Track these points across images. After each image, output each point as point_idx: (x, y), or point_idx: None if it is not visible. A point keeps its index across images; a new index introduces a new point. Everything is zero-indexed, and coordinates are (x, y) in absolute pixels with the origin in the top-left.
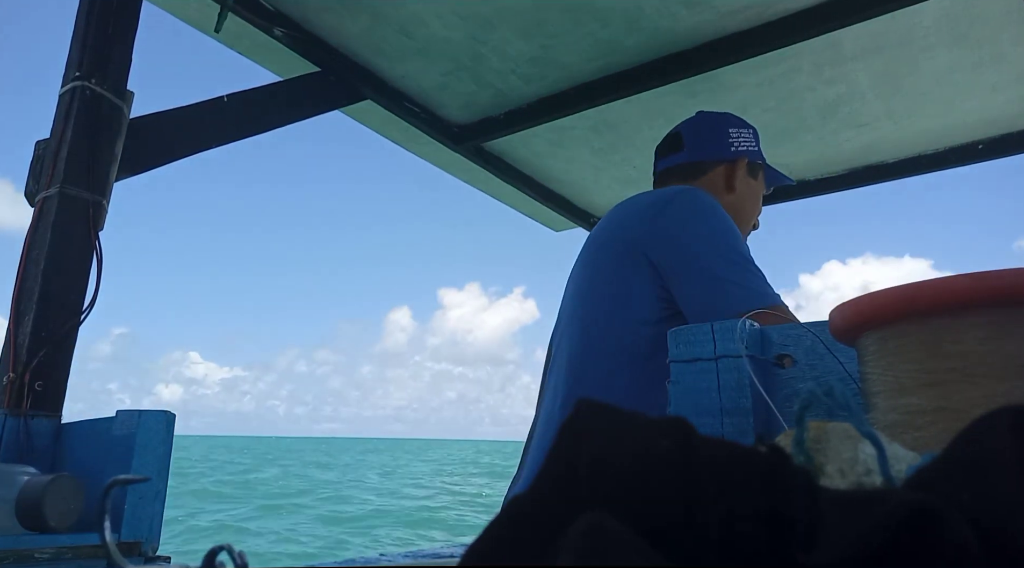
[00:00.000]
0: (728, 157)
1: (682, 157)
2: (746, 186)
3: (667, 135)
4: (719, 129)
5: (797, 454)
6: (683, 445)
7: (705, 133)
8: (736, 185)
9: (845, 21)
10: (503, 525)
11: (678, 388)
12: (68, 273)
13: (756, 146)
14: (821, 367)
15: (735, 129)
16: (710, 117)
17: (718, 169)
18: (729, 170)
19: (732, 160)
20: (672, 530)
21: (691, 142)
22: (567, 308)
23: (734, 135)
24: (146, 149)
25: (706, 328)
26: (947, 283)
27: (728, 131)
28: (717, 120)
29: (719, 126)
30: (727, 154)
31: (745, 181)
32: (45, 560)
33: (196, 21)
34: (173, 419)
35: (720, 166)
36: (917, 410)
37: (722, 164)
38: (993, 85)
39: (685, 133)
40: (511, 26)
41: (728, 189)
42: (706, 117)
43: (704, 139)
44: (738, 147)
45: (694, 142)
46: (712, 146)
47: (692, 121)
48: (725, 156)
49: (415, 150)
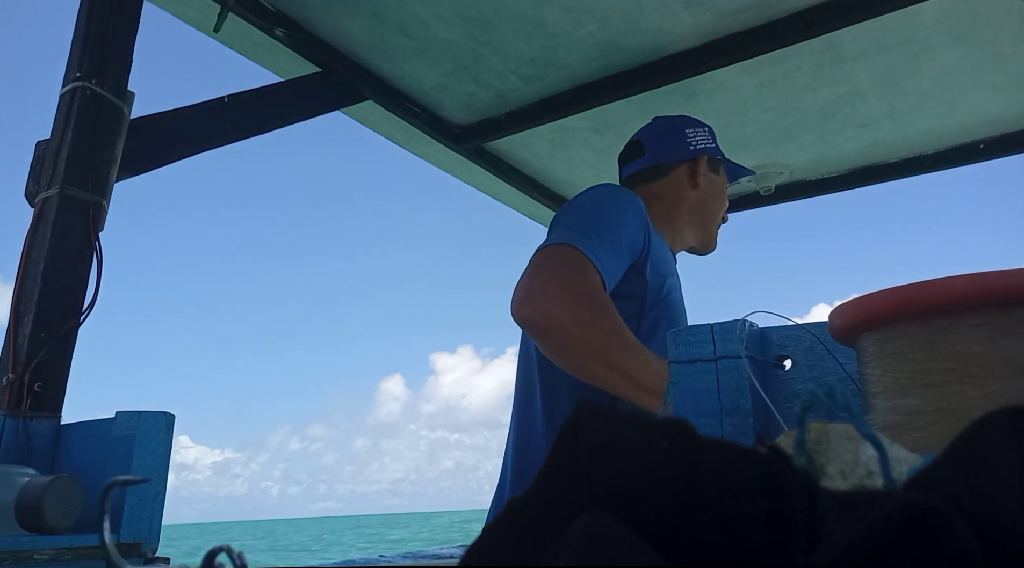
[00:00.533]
0: (688, 156)
1: (644, 162)
2: (709, 182)
3: (627, 143)
4: (677, 130)
5: (798, 455)
6: (683, 446)
7: (664, 136)
8: (700, 182)
9: (845, 21)
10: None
11: (678, 389)
12: (68, 274)
13: (714, 143)
14: (820, 368)
15: (691, 129)
16: (666, 120)
17: (680, 168)
18: (691, 168)
19: (693, 158)
20: (672, 531)
21: (651, 146)
22: None
23: (691, 134)
24: (146, 150)
25: (706, 329)
26: (947, 283)
27: (685, 131)
28: (673, 122)
29: (676, 127)
30: (687, 153)
31: (708, 177)
32: (44, 561)
33: (196, 21)
34: (172, 420)
35: (682, 165)
36: (917, 411)
37: (683, 163)
38: (993, 85)
39: (644, 138)
40: (511, 26)
41: (692, 186)
42: (662, 121)
43: (663, 142)
44: (697, 145)
45: (654, 146)
46: (672, 147)
47: (649, 126)
48: (685, 155)
49: (415, 151)
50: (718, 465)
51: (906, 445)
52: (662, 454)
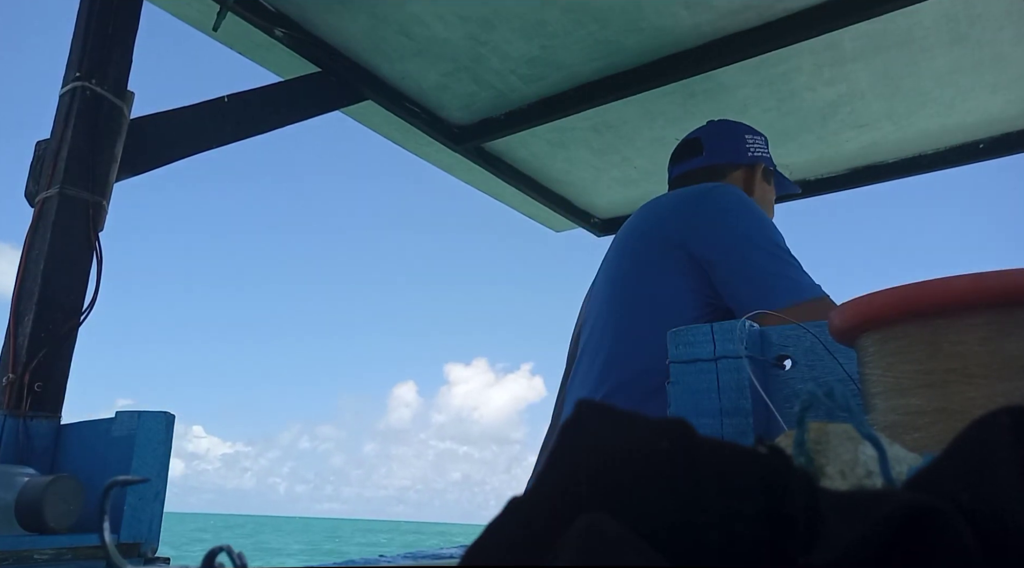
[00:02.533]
0: (746, 161)
1: (701, 161)
2: (763, 191)
3: (683, 141)
4: (736, 134)
5: (798, 455)
6: (683, 446)
7: (723, 138)
8: (755, 189)
9: (845, 21)
10: (503, 525)
11: (678, 389)
12: (68, 274)
13: (768, 153)
14: (821, 368)
15: (751, 135)
16: (726, 123)
17: (736, 173)
18: (748, 174)
19: (750, 164)
20: (672, 531)
21: (710, 146)
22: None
23: (750, 141)
24: (146, 150)
25: (706, 329)
26: (947, 283)
27: (745, 137)
28: (733, 126)
29: (736, 132)
30: (745, 158)
31: (762, 186)
32: (45, 561)
33: (196, 21)
34: (172, 420)
35: (739, 170)
36: (917, 411)
37: (740, 168)
38: (993, 85)
39: (704, 138)
40: (511, 26)
41: (748, 192)
42: (722, 123)
43: (722, 143)
44: (754, 152)
45: (713, 146)
46: (731, 150)
47: (708, 127)
48: (743, 160)
49: (415, 150)
50: (718, 465)
51: (906, 445)
52: (662, 454)
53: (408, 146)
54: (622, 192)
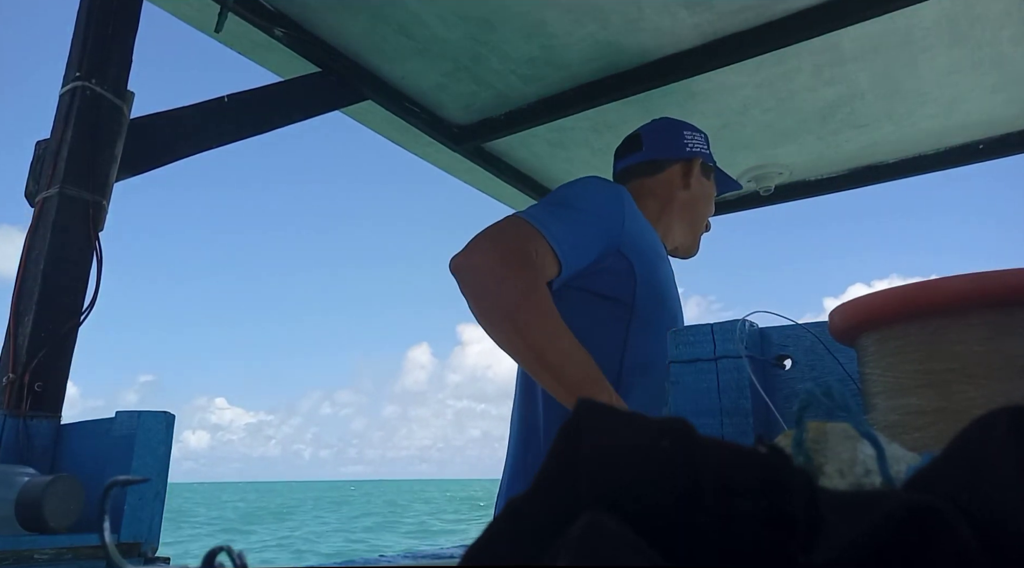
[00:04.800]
0: (684, 156)
1: (640, 156)
2: (700, 185)
3: (626, 137)
4: (675, 131)
5: (797, 455)
6: (683, 445)
7: (662, 133)
8: (691, 182)
9: (845, 21)
10: (503, 525)
11: (678, 388)
12: (68, 273)
13: (708, 150)
14: (820, 367)
15: (689, 132)
16: (667, 120)
17: (674, 167)
18: (685, 168)
19: (688, 159)
20: (672, 530)
21: (649, 141)
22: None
23: (688, 137)
24: (146, 149)
25: (706, 329)
26: (947, 284)
27: (683, 133)
28: (673, 123)
29: (675, 128)
30: (683, 153)
31: (699, 180)
32: (45, 561)
33: (196, 21)
34: (172, 420)
35: (676, 164)
36: (917, 410)
37: (678, 162)
38: (993, 85)
39: (644, 134)
40: (511, 26)
41: (684, 186)
42: (663, 120)
43: (662, 139)
44: (692, 148)
45: (652, 141)
46: (670, 145)
47: (649, 124)
48: (681, 155)
49: (415, 150)
50: (718, 465)
51: (906, 445)
52: (662, 454)
53: (408, 146)
54: None
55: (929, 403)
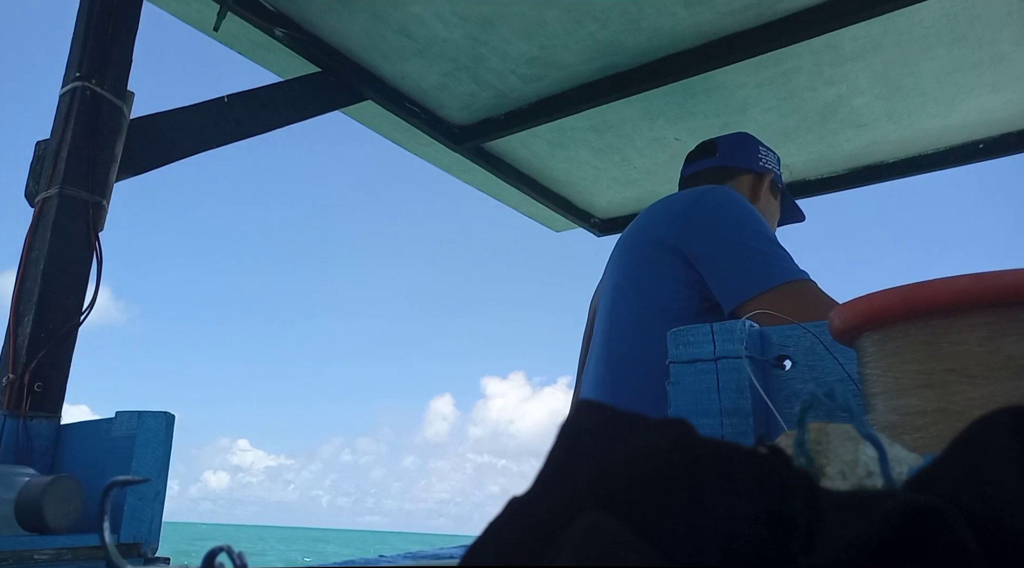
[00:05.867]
0: (756, 168)
1: (713, 161)
2: (767, 201)
3: (699, 143)
4: (750, 144)
5: (798, 455)
6: (683, 446)
7: (738, 143)
8: (760, 196)
9: (845, 21)
10: (503, 525)
11: (678, 389)
12: (68, 274)
13: (779, 171)
14: (820, 368)
15: (764, 149)
16: (744, 135)
17: (745, 177)
18: (756, 180)
19: (760, 172)
20: (672, 531)
21: (723, 149)
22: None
23: (763, 153)
24: (146, 150)
25: (705, 329)
26: (947, 284)
27: (759, 148)
28: (749, 137)
29: (751, 142)
30: (756, 165)
31: (767, 196)
32: (44, 561)
33: (196, 21)
34: (172, 420)
35: (748, 175)
36: (917, 411)
37: (750, 173)
38: (993, 85)
39: (719, 141)
40: (511, 26)
41: (753, 198)
42: (740, 133)
43: (737, 148)
44: (766, 163)
45: (726, 149)
46: (744, 155)
47: (726, 135)
48: (754, 167)
49: (415, 150)
50: (718, 465)
51: (906, 445)
52: (662, 454)
53: (408, 146)
54: (622, 192)
55: (929, 403)
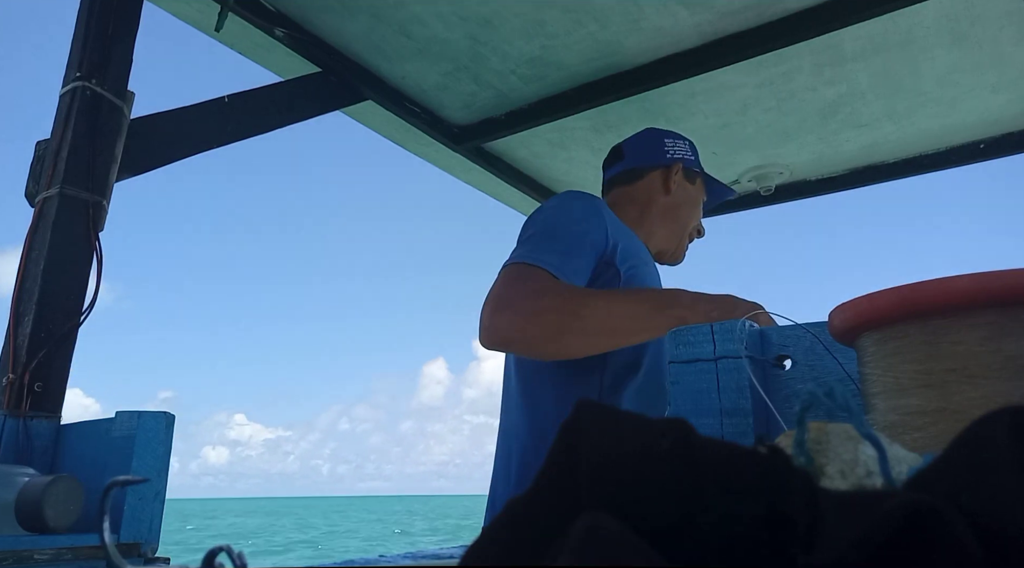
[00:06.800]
0: (664, 162)
1: (622, 165)
2: (682, 190)
3: (611, 149)
4: (655, 139)
5: (798, 455)
6: (683, 446)
7: (642, 142)
8: (672, 187)
9: (845, 21)
10: (503, 525)
11: (678, 389)
12: (68, 274)
13: (692, 156)
14: (820, 368)
15: (671, 139)
16: (649, 130)
17: (654, 173)
18: (664, 174)
19: (667, 165)
20: (672, 531)
21: (630, 151)
22: None
23: (669, 144)
24: (146, 149)
25: (706, 329)
26: (947, 283)
27: (664, 141)
28: (654, 132)
29: (655, 137)
30: (663, 160)
31: (682, 185)
32: (44, 561)
33: (196, 21)
34: (172, 420)
35: (656, 171)
36: (917, 411)
37: (658, 169)
38: (993, 85)
39: (625, 145)
40: (511, 26)
41: (665, 191)
42: (645, 130)
43: (642, 148)
44: (673, 154)
45: (632, 150)
46: (649, 153)
47: (633, 136)
48: (661, 161)
49: (415, 150)
50: (718, 465)
51: (906, 445)
52: (662, 454)
53: (408, 146)
54: None
55: (929, 403)
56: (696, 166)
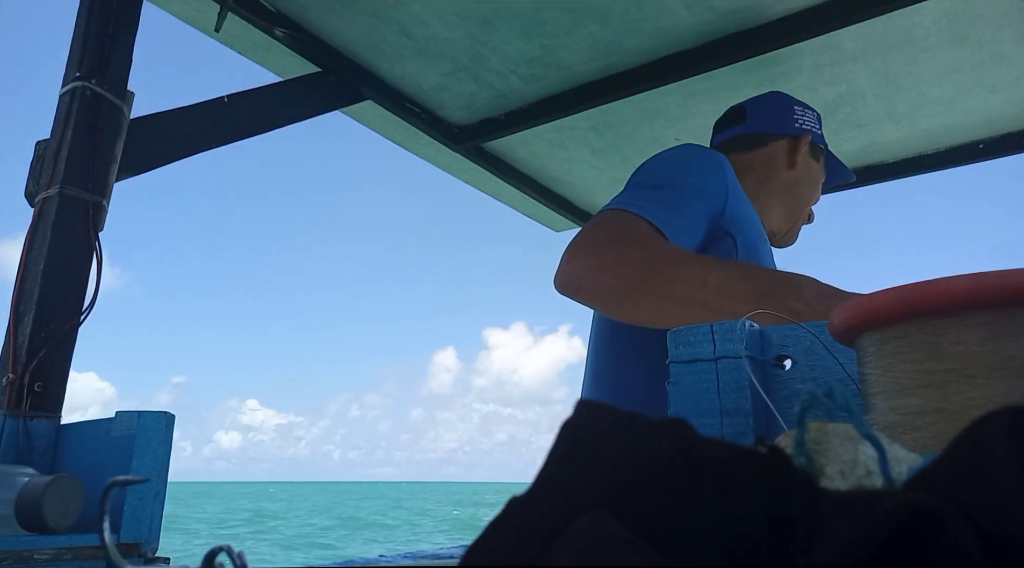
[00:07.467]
0: (792, 132)
1: (742, 128)
2: (807, 165)
3: (729, 108)
4: (784, 104)
5: (798, 455)
6: (683, 446)
7: (769, 106)
8: (797, 161)
9: (845, 21)
10: (503, 525)
11: (677, 389)
12: (68, 274)
13: (819, 129)
14: (820, 368)
15: (800, 108)
16: (777, 94)
17: (779, 143)
18: (792, 145)
19: (796, 135)
20: (671, 531)
21: (754, 113)
22: None
23: (799, 112)
24: (146, 149)
25: (705, 329)
26: (947, 283)
27: (794, 107)
28: (783, 97)
29: (785, 102)
30: (791, 129)
31: (806, 160)
32: (44, 561)
33: (196, 21)
34: (172, 420)
35: (782, 140)
36: (917, 411)
37: (784, 138)
38: (993, 85)
39: (749, 105)
40: (511, 26)
41: (789, 165)
42: (772, 93)
43: (768, 111)
44: (802, 124)
45: (757, 113)
46: (776, 119)
47: (757, 97)
48: (788, 130)
49: (415, 151)
50: (718, 465)
51: (906, 445)
52: (662, 454)
53: (408, 146)
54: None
55: (929, 403)
56: (822, 142)
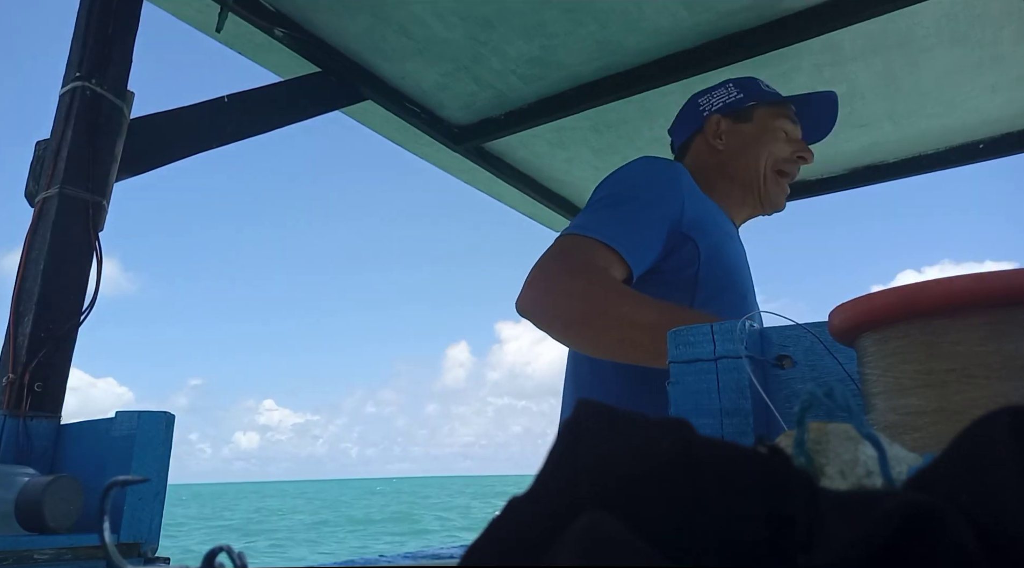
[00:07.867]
0: (699, 123)
1: (673, 146)
2: (735, 135)
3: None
4: (690, 105)
5: (798, 455)
6: (683, 446)
7: (681, 114)
8: (717, 144)
9: (845, 21)
10: (503, 525)
11: (678, 389)
12: (68, 274)
13: (739, 93)
14: (820, 368)
15: (704, 96)
16: (688, 100)
17: (696, 140)
18: (702, 136)
19: (700, 126)
20: (672, 531)
21: (675, 129)
22: None
23: (703, 102)
24: (146, 149)
25: (705, 329)
26: (947, 284)
27: (698, 101)
28: (689, 99)
29: (690, 103)
30: (698, 121)
31: (731, 131)
32: (44, 561)
33: (196, 21)
34: (172, 420)
35: (696, 137)
36: (917, 411)
37: (696, 134)
38: (993, 85)
39: (672, 124)
40: (511, 26)
41: (711, 152)
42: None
43: (679, 120)
44: (706, 109)
45: (676, 128)
46: (686, 123)
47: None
48: (695, 125)
49: (415, 150)
50: (718, 465)
51: (906, 445)
52: (662, 454)
53: (408, 146)
54: None
55: (929, 403)
56: (748, 101)
